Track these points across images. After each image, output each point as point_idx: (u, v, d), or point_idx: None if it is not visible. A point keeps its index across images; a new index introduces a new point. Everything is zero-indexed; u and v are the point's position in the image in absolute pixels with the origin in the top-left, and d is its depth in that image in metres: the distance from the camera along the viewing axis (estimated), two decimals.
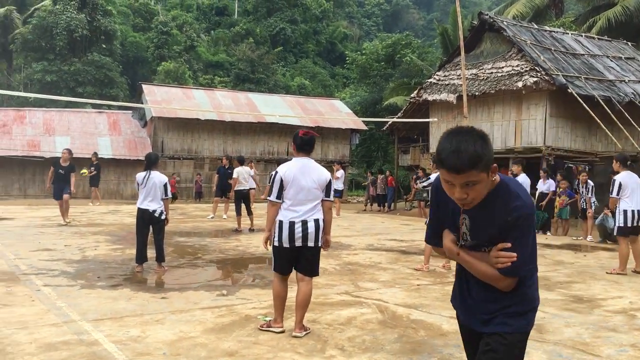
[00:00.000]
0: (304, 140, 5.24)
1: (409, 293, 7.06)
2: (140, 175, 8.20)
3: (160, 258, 8.25)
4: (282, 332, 5.16)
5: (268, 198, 5.22)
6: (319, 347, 4.85)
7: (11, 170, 25.62)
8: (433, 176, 11.30)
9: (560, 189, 14.36)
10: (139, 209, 8.14)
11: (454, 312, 5.97)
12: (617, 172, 8.90)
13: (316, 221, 5.12)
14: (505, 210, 2.33)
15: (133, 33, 52.37)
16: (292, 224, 5.05)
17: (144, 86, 29.63)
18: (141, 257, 8.13)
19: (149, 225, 8.19)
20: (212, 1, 69.27)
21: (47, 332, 5.04)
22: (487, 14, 20.34)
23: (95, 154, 21.41)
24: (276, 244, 5.13)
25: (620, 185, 8.60)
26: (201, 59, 53.71)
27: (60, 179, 13.66)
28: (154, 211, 8.08)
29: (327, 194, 5.24)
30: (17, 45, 38.50)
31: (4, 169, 25.53)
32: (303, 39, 65.55)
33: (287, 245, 5.08)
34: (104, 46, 40.95)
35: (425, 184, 12.16)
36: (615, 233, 8.87)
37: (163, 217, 8.21)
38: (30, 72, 38.64)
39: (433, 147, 21.80)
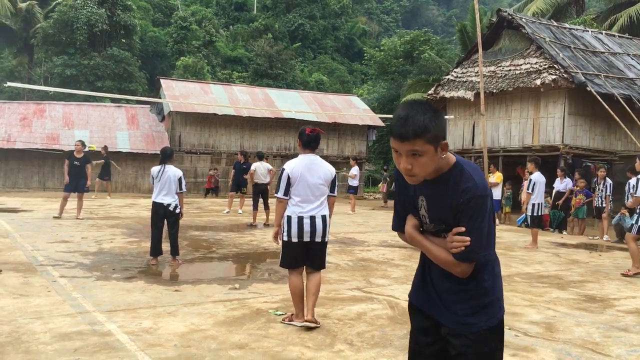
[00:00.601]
0: (311, 138, 5.34)
1: None
2: (155, 169, 8.29)
3: (174, 251, 8.33)
4: (304, 325, 5.21)
5: (276, 195, 5.33)
6: (328, 341, 4.89)
7: (31, 163, 25.98)
8: (534, 176, 11.35)
9: (578, 188, 14.23)
10: (154, 203, 8.25)
11: None
12: (638, 172, 8.86)
13: (324, 217, 5.27)
14: (457, 191, 2.29)
15: (153, 28, 52.70)
16: (300, 219, 5.17)
17: (162, 81, 29.83)
18: (156, 251, 8.24)
19: (164, 219, 8.29)
20: None
21: (61, 322, 5.14)
22: (506, 11, 20.18)
23: (106, 147, 21.52)
24: (285, 238, 5.23)
25: None
26: (220, 54, 53.92)
27: (76, 171, 13.69)
28: (169, 205, 8.18)
29: (332, 190, 5.41)
30: (38, 40, 38.93)
31: (24, 162, 25.89)
32: (322, 34, 65.49)
33: (296, 240, 5.19)
34: (123, 41, 41.26)
35: (530, 190, 11.88)
36: (633, 232, 8.65)
37: (177, 211, 8.30)
38: (50, 66, 39.09)
39: (451, 144, 21.71)
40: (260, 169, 13.61)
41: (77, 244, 9.71)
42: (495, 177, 16.52)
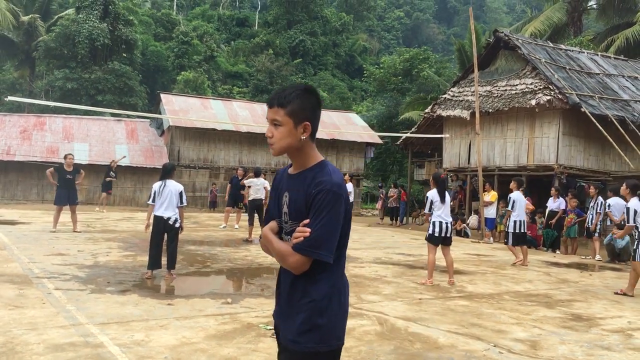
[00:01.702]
0: None
1: (410, 307, 7.18)
2: (156, 185, 8.48)
3: (170, 265, 8.46)
4: None
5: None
6: None
7: (30, 175, 26.11)
8: (515, 195, 11.56)
9: (569, 208, 14.37)
10: (155, 217, 8.39)
11: (451, 327, 6.16)
12: (621, 195, 9.03)
13: None
14: (312, 183, 2.31)
15: (154, 42, 53.11)
16: None
17: (162, 95, 30.08)
18: (153, 264, 8.37)
19: (164, 233, 8.42)
20: (233, 12, 70.23)
21: (55, 334, 5.25)
22: (502, 32, 20.44)
23: (114, 161, 22.09)
24: None
25: (635, 212, 8.66)
26: (220, 69, 54.31)
27: (67, 184, 13.76)
28: (169, 218, 8.33)
29: None
30: (40, 53, 39.25)
31: (23, 174, 26.03)
32: (322, 51, 65.98)
33: None
34: (124, 55, 41.60)
35: (510, 207, 12.00)
36: (636, 259, 8.50)
37: (177, 225, 8.43)
38: (52, 79, 39.37)
39: (446, 162, 21.89)
40: (256, 185, 13.74)
41: (74, 257, 9.82)
42: (490, 196, 16.68)
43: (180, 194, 8.45)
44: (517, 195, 11.51)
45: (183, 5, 71.08)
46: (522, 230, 11.55)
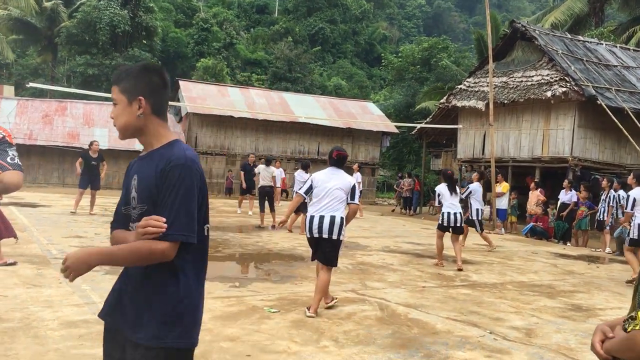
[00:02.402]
0: (335, 160, 6.24)
1: (412, 294, 7.37)
2: None
3: None
4: (313, 316, 5.84)
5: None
6: (314, 337, 5.22)
7: (51, 160, 26.67)
8: (473, 186, 12.51)
9: (581, 200, 14.41)
10: None
11: (450, 314, 6.37)
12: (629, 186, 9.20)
13: (332, 217, 5.96)
14: (161, 160, 2.16)
15: (175, 29, 53.49)
16: (312, 218, 6.02)
17: (180, 82, 30.40)
18: None
19: None
20: None
21: (69, 311, 5.53)
22: (520, 23, 20.37)
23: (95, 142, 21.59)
24: (305, 234, 6.19)
25: (634, 200, 8.90)
26: (240, 56, 54.58)
27: (91, 169, 14.34)
28: None
29: (352, 197, 6.14)
30: (62, 38, 39.80)
31: (44, 158, 26.59)
32: (342, 39, 65.94)
33: (309, 235, 6.08)
34: (144, 42, 42.03)
35: (464, 195, 12.59)
36: (626, 244, 9.20)
37: None
38: (73, 65, 39.96)
39: (460, 153, 21.94)
40: (264, 173, 14.11)
41: (90, 240, 10.14)
42: (502, 187, 16.74)
43: None
44: (476, 187, 12.54)
45: None
46: (480, 218, 12.41)
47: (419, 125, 23.77)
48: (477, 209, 12.36)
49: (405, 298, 7.07)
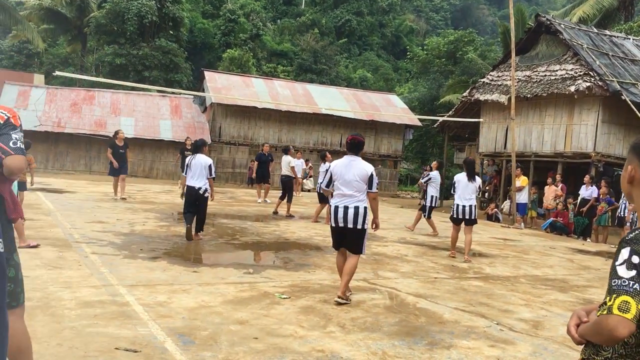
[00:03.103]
0: (351, 144, 6.44)
1: (423, 284, 7.45)
2: (188, 158, 9.59)
3: (198, 228, 9.52)
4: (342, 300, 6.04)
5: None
6: (322, 323, 5.34)
7: (79, 147, 27.20)
8: (433, 173, 12.88)
9: (601, 196, 14.29)
10: (187, 186, 9.47)
11: (459, 304, 6.48)
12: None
13: (356, 208, 6.17)
14: None
15: (202, 20, 53.85)
16: (336, 208, 6.23)
17: (205, 73, 30.72)
18: (187, 220, 9.42)
19: (195, 200, 9.40)
20: None
21: (86, 292, 5.75)
22: (545, 16, 20.15)
23: (189, 138, 20.17)
24: (333, 223, 6.33)
25: None
26: (266, 48, 54.77)
27: (120, 157, 15.00)
28: (199, 188, 9.35)
29: (370, 186, 6.29)
30: (91, 28, 40.42)
31: (72, 146, 27.13)
32: (368, 31, 65.73)
33: (334, 225, 6.28)
34: (171, 32, 42.43)
35: (423, 180, 13.47)
36: None
37: (206, 194, 9.40)
38: (102, 54, 40.54)
39: (482, 147, 21.84)
40: (283, 162, 14.50)
41: (112, 225, 10.41)
42: (521, 181, 16.65)
43: (210, 166, 9.39)
44: (435, 175, 13.01)
45: None
46: (435, 205, 13.04)
47: (441, 119, 23.68)
48: (432, 196, 12.89)
49: (416, 288, 7.16)
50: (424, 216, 12.86)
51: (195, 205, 9.40)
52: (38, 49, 38.90)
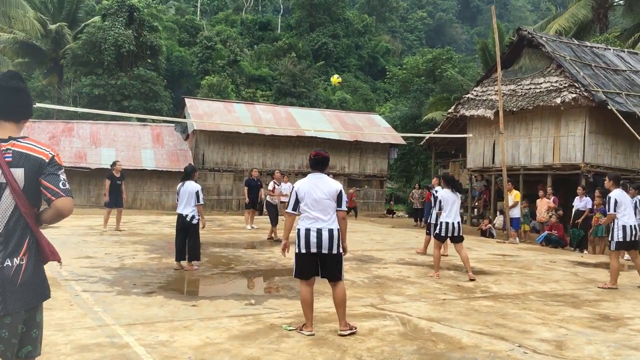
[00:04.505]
0: (315, 161, 5.89)
1: (433, 307, 7.15)
2: (178, 186, 9.43)
3: (191, 257, 9.23)
4: (312, 335, 5.54)
5: (285, 210, 5.85)
6: (337, 356, 5.01)
7: None
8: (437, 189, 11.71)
9: (595, 206, 14.15)
10: (177, 214, 9.30)
11: (475, 327, 6.14)
12: (609, 190, 9.16)
13: (330, 231, 5.61)
14: None
15: (179, 48, 53.64)
16: (307, 231, 5.60)
17: (186, 100, 30.39)
18: (178, 256, 9.28)
19: (184, 228, 9.18)
20: (255, 16, 70.61)
21: (82, 335, 5.35)
22: (526, 30, 20.23)
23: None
24: (297, 250, 5.67)
25: (615, 202, 8.86)
26: (244, 73, 54.63)
27: (116, 189, 14.99)
28: (186, 215, 9.16)
29: (339, 204, 5.72)
30: (67, 60, 39.89)
31: None
32: (345, 53, 66.04)
33: (304, 251, 5.62)
34: (149, 61, 42.09)
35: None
36: (612, 248, 9.09)
37: (194, 221, 9.19)
38: (79, 86, 39.99)
39: (470, 162, 21.73)
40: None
41: (101, 260, 9.98)
42: (514, 196, 16.50)
43: (197, 193, 9.21)
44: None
45: (207, 10, 71.74)
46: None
47: (428, 135, 23.58)
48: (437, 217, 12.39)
49: (426, 311, 6.85)
50: (428, 234, 12.36)
51: (185, 233, 9.20)
52: None
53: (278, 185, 14.83)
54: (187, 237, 9.22)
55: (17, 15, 29.61)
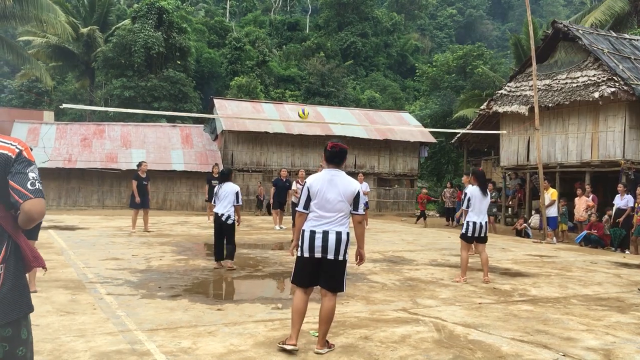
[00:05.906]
0: (332, 153, 5.14)
1: (469, 312, 6.79)
2: (216, 187, 9.72)
3: (228, 256, 9.52)
4: (295, 349, 4.92)
5: (296, 209, 5.26)
6: None
7: (90, 182, 26.80)
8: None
9: (637, 205, 13.56)
10: (215, 213, 9.59)
11: (515, 334, 5.77)
12: None
13: (338, 233, 4.95)
14: None
15: (208, 49, 53.89)
16: (312, 233, 4.96)
17: (215, 100, 30.37)
18: (217, 256, 9.53)
19: (221, 227, 9.46)
20: (284, 17, 70.62)
21: (102, 341, 5.15)
22: (562, 23, 19.62)
23: (217, 165, 19.57)
24: (299, 253, 5.06)
25: None
26: (273, 74, 54.60)
27: (143, 189, 14.88)
28: (222, 215, 9.39)
29: (356, 208, 5.06)
30: (98, 63, 40.36)
31: (84, 181, 26.74)
32: (374, 52, 65.58)
33: (307, 255, 4.97)
34: (178, 62, 42.32)
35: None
36: None
37: (230, 221, 9.41)
38: (110, 88, 40.42)
39: (504, 160, 21.18)
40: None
41: (127, 262, 9.85)
42: (551, 194, 15.94)
43: (237, 194, 9.48)
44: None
45: (235, 12, 72.00)
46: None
47: (460, 132, 23.05)
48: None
49: (462, 317, 6.50)
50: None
51: (222, 233, 9.43)
52: (47, 86, 38.85)
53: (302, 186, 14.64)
54: (225, 236, 9.47)
55: (49, 19, 29.94)
